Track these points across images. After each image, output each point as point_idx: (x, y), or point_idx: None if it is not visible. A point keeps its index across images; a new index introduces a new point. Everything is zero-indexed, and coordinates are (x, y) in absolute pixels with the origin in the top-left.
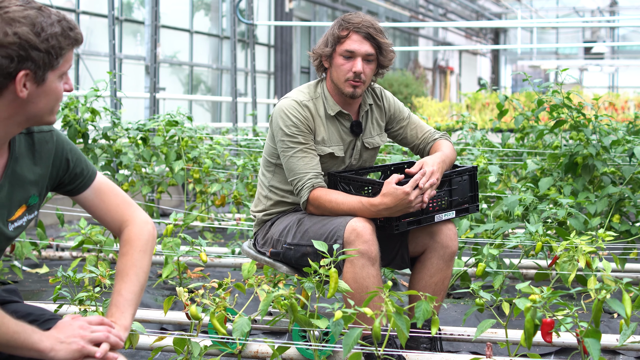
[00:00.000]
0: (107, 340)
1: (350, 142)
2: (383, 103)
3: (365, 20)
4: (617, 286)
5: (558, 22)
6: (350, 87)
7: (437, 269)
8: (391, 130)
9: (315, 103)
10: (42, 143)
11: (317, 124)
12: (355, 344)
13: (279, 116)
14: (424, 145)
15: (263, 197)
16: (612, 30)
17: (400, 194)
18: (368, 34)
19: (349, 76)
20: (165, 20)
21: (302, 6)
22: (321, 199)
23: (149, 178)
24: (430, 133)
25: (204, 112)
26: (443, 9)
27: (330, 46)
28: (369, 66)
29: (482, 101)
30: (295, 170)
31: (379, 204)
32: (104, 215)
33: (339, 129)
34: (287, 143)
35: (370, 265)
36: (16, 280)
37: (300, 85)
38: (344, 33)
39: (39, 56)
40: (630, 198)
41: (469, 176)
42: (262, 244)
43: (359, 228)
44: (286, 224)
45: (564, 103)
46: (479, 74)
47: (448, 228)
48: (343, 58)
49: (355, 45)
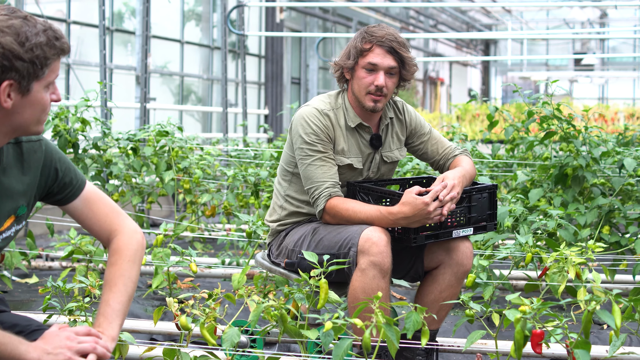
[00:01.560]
0: (94, 351)
1: (369, 155)
2: (404, 117)
3: (388, 34)
4: (607, 297)
5: (548, 34)
6: (371, 102)
7: (448, 284)
8: (411, 145)
9: (336, 113)
10: (30, 152)
11: (337, 134)
12: (346, 355)
13: (299, 123)
14: (444, 161)
15: (278, 206)
16: (602, 42)
17: (419, 204)
18: (391, 47)
19: (370, 89)
20: (156, 30)
21: (292, 17)
22: (338, 208)
23: (139, 188)
24: (450, 149)
25: (194, 122)
26: (434, 20)
27: (353, 59)
28: (391, 80)
29: (473, 112)
30: (313, 178)
31: (397, 212)
32: (92, 225)
33: (358, 141)
34: (306, 151)
35: (381, 277)
36: (5, 290)
37: (321, 95)
38: (367, 46)
39: (23, 66)
40: (620, 209)
41: (489, 194)
42: (276, 254)
43: (374, 238)
44: (301, 234)
45: (554, 114)
46: (470, 85)
47: (465, 246)
48: (365, 71)
49: (378, 59)
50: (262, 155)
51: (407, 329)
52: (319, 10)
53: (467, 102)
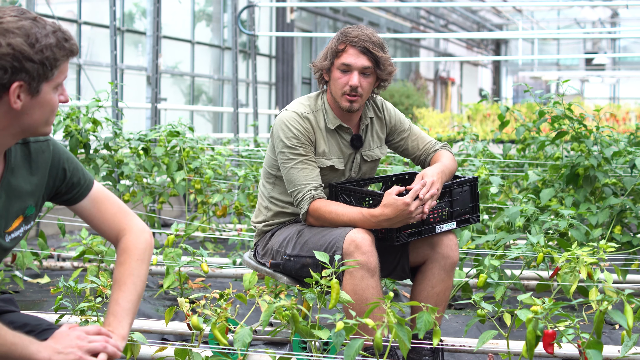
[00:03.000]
0: (104, 350)
1: (350, 155)
2: (384, 115)
3: (362, 34)
4: (619, 297)
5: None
6: (347, 102)
7: (438, 279)
8: (392, 142)
9: (316, 115)
10: (38, 153)
11: (318, 136)
12: (357, 355)
13: (279, 128)
14: (424, 156)
15: (263, 207)
16: (613, 42)
17: (400, 205)
18: (365, 47)
19: (345, 90)
20: (167, 31)
21: (303, 17)
22: (321, 210)
23: (151, 188)
24: (431, 144)
25: (205, 122)
26: (444, 20)
27: (329, 60)
28: (367, 80)
29: (484, 112)
30: (296, 181)
31: (379, 214)
32: (101, 224)
33: (339, 142)
34: (288, 154)
35: (370, 276)
36: (17, 290)
37: (301, 97)
38: (341, 47)
39: (33, 67)
40: (631, 209)
41: (470, 187)
42: (262, 254)
43: (358, 239)
44: (286, 235)
45: (565, 114)
46: (480, 85)
47: (449, 238)
48: (340, 72)
49: (352, 59)
50: None
51: (418, 329)
52: (329, 11)
53: (478, 102)
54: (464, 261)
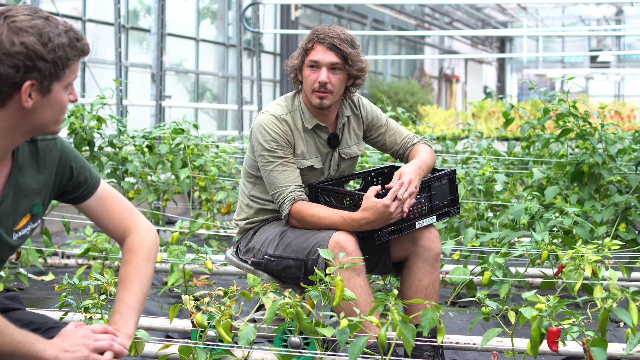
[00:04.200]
0: (111, 348)
1: (327, 154)
2: (360, 112)
3: (330, 31)
4: (624, 295)
5: (564, 31)
6: (317, 98)
7: (424, 272)
8: (370, 138)
9: (293, 116)
10: (45, 151)
11: (296, 137)
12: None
13: (257, 131)
14: (403, 150)
15: (245, 205)
16: (618, 39)
17: (380, 207)
18: (332, 44)
19: (315, 87)
20: (172, 28)
21: (307, 14)
22: (303, 213)
23: (155, 186)
24: (409, 138)
25: (209, 120)
26: (449, 18)
27: (299, 58)
28: (336, 76)
29: (488, 110)
30: (276, 184)
31: (360, 218)
32: (107, 223)
33: (316, 141)
34: (267, 157)
35: (356, 275)
36: (22, 288)
37: (278, 98)
38: (309, 45)
39: (45, 66)
40: (636, 207)
41: (448, 180)
42: (244, 252)
43: (342, 241)
44: (268, 235)
45: (570, 112)
46: (485, 83)
47: (429, 231)
48: (310, 69)
49: (319, 56)
50: None
51: (422, 327)
52: (334, 8)
53: (482, 99)
54: (469, 259)
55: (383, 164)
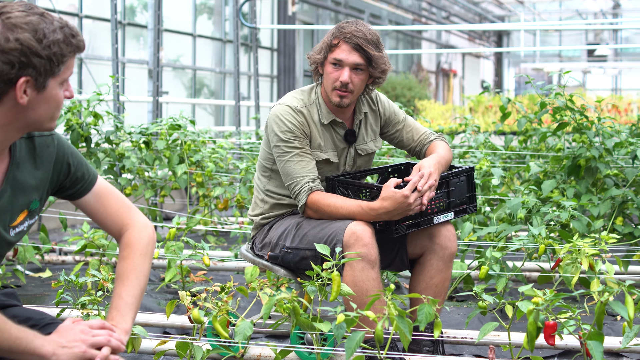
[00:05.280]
0: (108, 344)
1: (343, 150)
2: (378, 108)
3: (357, 30)
4: (620, 288)
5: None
6: (337, 97)
7: (436, 270)
8: (387, 134)
9: (310, 109)
10: (43, 147)
11: (313, 130)
12: (358, 347)
13: (273, 122)
14: (420, 147)
15: (260, 200)
16: (615, 33)
17: (399, 198)
18: (358, 44)
19: (336, 85)
20: (168, 24)
21: (305, 10)
22: (320, 203)
23: (152, 182)
24: (426, 135)
25: (207, 115)
26: (446, 12)
27: (323, 54)
28: (358, 76)
29: (485, 104)
30: (292, 174)
31: (378, 207)
32: (104, 219)
33: (333, 136)
34: (283, 148)
35: (370, 268)
36: (19, 285)
37: (294, 91)
38: (335, 41)
39: (40, 63)
40: (633, 200)
41: (467, 177)
42: (260, 247)
43: (359, 231)
44: (285, 228)
45: (567, 105)
46: (482, 77)
47: (447, 229)
48: (332, 66)
49: (344, 55)
50: None
51: (419, 321)
52: (331, 3)
53: (479, 93)
54: (466, 253)
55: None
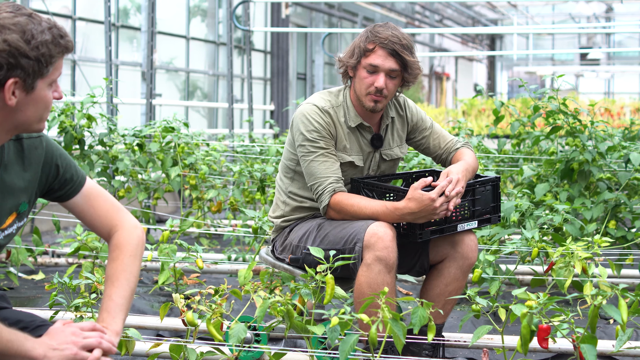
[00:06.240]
0: (99, 345)
1: (369, 154)
2: (406, 113)
3: (393, 35)
4: (613, 292)
5: (554, 28)
6: (371, 102)
7: (453, 278)
8: (413, 140)
9: (337, 111)
10: (31, 149)
11: (339, 131)
12: (352, 350)
13: (300, 121)
14: (446, 155)
15: (281, 202)
16: (607, 37)
17: (426, 200)
18: (394, 50)
19: (370, 90)
20: (162, 26)
21: (298, 12)
22: (343, 203)
23: (145, 184)
24: (452, 142)
25: (200, 118)
26: (439, 16)
27: (356, 58)
28: (393, 82)
29: (478, 107)
30: (316, 174)
31: (403, 208)
32: (93, 221)
33: (359, 139)
34: (308, 147)
35: (387, 272)
36: (12, 287)
37: (321, 91)
38: (370, 46)
39: (28, 64)
40: (626, 204)
41: (492, 186)
42: (280, 250)
43: (380, 233)
44: (306, 229)
45: (560, 109)
46: (475, 80)
47: (470, 239)
48: (367, 71)
49: (380, 61)
50: (268, 151)
51: (413, 324)
52: (324, 6)
53: (473, 97)
54: None
55: None
